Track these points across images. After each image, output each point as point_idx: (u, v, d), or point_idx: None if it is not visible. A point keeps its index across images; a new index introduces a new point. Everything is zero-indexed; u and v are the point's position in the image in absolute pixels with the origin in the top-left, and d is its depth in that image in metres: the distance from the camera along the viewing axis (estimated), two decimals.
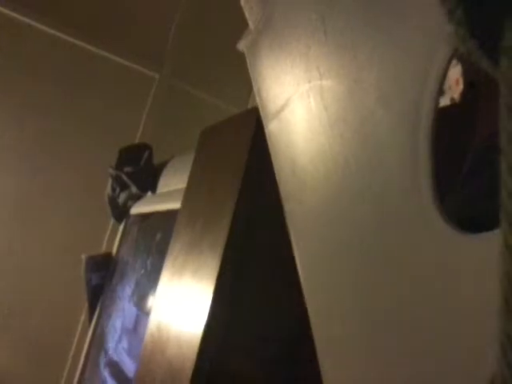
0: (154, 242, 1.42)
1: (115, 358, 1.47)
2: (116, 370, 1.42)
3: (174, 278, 1.06)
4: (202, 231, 1.00)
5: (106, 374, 1.51)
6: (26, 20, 2.52)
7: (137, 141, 2.63)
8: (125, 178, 1.69)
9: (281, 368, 0.91)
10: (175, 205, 1.26)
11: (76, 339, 2.54)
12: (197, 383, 0.84)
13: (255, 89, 0.60)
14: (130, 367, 1.28)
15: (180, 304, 0.99)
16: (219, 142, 1.12)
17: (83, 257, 1.82)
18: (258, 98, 0.60)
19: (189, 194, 1.17)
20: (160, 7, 2.78)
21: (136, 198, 1.71)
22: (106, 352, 1.57)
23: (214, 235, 0.94)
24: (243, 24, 0.59)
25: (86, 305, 1.85)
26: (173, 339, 0.97)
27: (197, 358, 0.85)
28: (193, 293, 0.94)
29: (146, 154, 1.72)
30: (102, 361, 1.60)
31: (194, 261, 0.98)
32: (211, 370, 0.86)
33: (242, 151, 0.94)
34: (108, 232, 2.61)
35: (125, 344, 1.43)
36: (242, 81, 2.32)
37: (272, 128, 0.58)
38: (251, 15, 0.57)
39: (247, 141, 0.93)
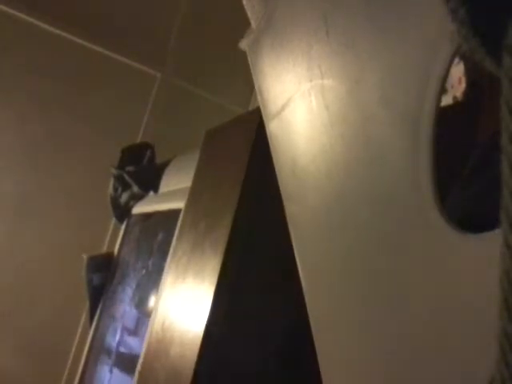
0: (156, 241, 1.42)
1: (119, 352, 1.47)
2: (123, 362, 1.43)
3: (178, 279, 1.06)
4: (205, 232, 1.00)
5: (109, 370, 1.51)
6: (29, 19, 2.52)
7: (139, 140, 2.63)
8: (127, 177, 1.69)
9: (281, 368, 0.91)
10: (177, 204, 1.26)
11: (77, 340, 2.54)
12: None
13: (257, 88, 0.60)
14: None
15: (183, 304, 0.99)
16: (223, 143, 1.12)
17: (84, 257, 1.82)
18: (259, 97, 0.59)
19: (193, 194, 1.17)
20: (162, 6, 2.78)
21: (138, 198, 1.71)
22: (108, 352, 1.57)
23: (216, 235, 0.94)
24: (245, 23, 0.59)
25: (87, 305, 1.84)
26: (176, 339, 0.97)
27: (197, 358, 0.85)
28: (195, 294, 0.94)
29: (148, 153, 1.72)
30: (104, 361, 1.60)
31: (197, 261, 0.98)
32: (212, 370, 0.86)
33: (244, 152, 0.94)
34: (109, 232, 2.61)
35: (126, 344, 1.43)
36: (244, 80, 2.32)
37: (273, 128, 0.57)
38: (253, 14, 0.57)
39: (249, 142, 0.94)
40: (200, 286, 0.93)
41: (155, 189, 1.59)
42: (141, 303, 1.40)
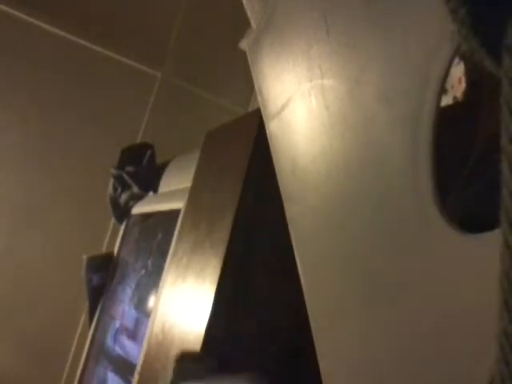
0: (155, 241, 1.42)
1: (116, 354, 1.47)
2: (118, 365, 1.42)
3: (179, 279, 1.05)
4: (206, 232, 1.00)
5: (107, 372, 1.51)
6: (29, 19, 2.52)
7: (138, 140, 2.62)
8: (126, 177, 1.69)
9: (282, 368, 0.91)
10: (177, 204, 1.26)
11: (76, 340, 2.54)
12: None
13: (257, 88, 0.60)
14: (133, 358, 1.28)
15: (184, 305, 0.99)
16: (223, 144, 1.12)
17: (84, 257, 1.81)
18: (259, 97, 0.59)
19: (193, 194, 1.17)
20: (162, 6, 2.77)
21: (138, 198, 1.71)
22: (108, 352, 1.57)
23: (216, 236, 0.94)
24: (245, 23, 0.59)
25: (87, 305, 1.84)
26: (177, 340, 0.97)
27: None
28: (196, 294, 0.94)
29: (148, 153, 1.72)
30: (104, 361, 1.60)
31: (198, 262, 0.98)
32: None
33: (244, 152, 0.94)
34: (109, 232, 2.60)
35: (125, 343, 1.43)
36: (244, 80, 2.32)
37: (273, 128, 0.57)
38: (253, 14, 0.57)
39: (249, 142, 0.94)
40: (201, 286, 0.93)
41: (155, 189, 1.59)
42: (140, 303, 1.40)
